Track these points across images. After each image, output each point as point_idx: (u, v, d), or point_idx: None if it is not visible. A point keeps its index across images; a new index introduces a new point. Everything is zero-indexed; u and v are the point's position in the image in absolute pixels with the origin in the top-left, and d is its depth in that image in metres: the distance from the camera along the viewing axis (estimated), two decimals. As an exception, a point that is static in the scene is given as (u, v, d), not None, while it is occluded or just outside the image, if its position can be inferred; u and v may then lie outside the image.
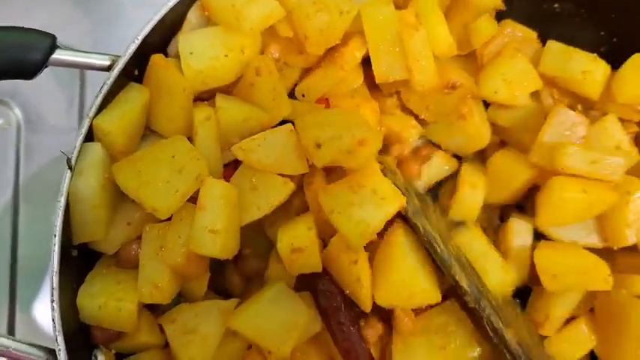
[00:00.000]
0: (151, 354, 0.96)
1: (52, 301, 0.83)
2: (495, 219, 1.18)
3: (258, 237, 1.02)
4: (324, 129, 0.91)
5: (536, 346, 0.99)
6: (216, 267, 1.00)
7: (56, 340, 0.82)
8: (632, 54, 1.12)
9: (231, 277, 1.01)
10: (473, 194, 1.11)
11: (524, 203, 1.15)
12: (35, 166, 1.30)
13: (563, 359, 1.04)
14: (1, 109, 1.31)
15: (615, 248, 1.08)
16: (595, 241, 1.10)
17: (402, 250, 0.96)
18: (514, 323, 0.96)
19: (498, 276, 1.02)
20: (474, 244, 1.05)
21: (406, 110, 1.15)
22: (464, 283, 0.94)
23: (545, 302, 1.08)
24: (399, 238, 0.97)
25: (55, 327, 0.83)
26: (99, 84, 0.92)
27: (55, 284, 0.83)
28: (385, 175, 0.97)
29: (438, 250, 0.95)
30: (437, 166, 1.15)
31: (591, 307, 1.08)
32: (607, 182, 1.04)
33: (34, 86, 1.26)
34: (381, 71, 1.02)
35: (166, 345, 0.98)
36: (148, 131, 0.97)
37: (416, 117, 1.14)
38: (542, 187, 1.06)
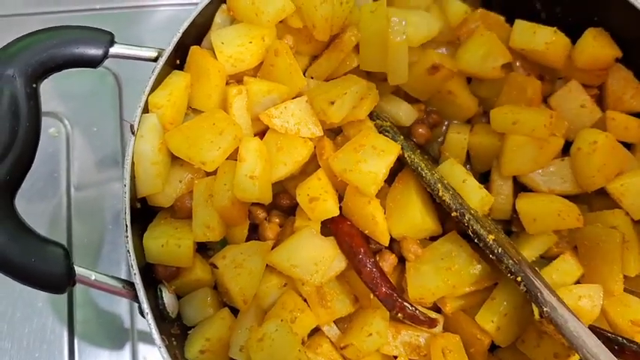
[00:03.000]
0: (204, 291, 1.13)
1: (126, 237, 1.00)
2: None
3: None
4: (332, 91, 1.11)
5: (514, 250, 1.14)
6: (252, 227, 1.18)
7: (132, 266, 0.98)
8: (586, 29, 1.31)
9: (265, 231, 1.18)
10: (459, 138, 1.30)
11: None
12: (84, 166, 1.48)
13: (556, 286, 1.14)
14: (52, 120, 1.51)
15: (589, 192, 1.24)
16: (569, 188, 1.25)
17: (411, 194, 1.15)
18: (494, 232, 1.11)
19: (477, 196, 1.15)
20: (454, 172, 1.19)
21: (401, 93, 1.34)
22: (446, 198, 1.11)
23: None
24: (408, 184, 1.16)
25: (130, 257, 0.99)
26: (134, 95, 1.10)
27: (128, 222, 1.00)
28: (380, 131, 1.16)
29: (423, 174, 1.13)
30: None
31: (574, 245, 1.22)
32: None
33: (78, 99, 1.48)
34: (365, 64, 1.23)
35: (215, 287, 1.15)
36: (190, 110, 1.15)
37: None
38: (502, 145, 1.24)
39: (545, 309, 1.01)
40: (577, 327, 0.99)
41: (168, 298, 1.07)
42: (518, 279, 1.04)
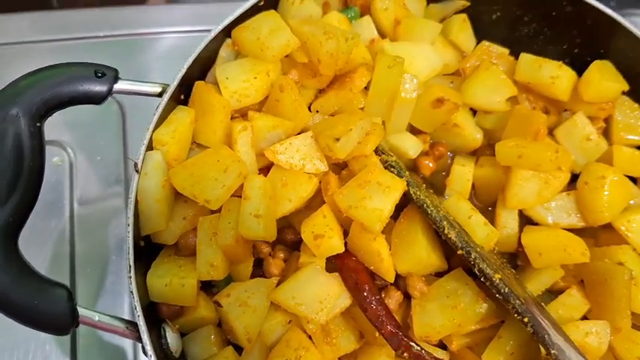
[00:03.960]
0: (208, 329, 1.12)
1: (129, 277, 1.00)
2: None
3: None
4: (338, 127, 1.10)
5: (520, 288, 1.13)
6: (257, 261, 1.18)
7: (135, 308, 0.98)
8: (592, 61, 1.31)
9: (269, 267, 1.17)
10: (463, 170, 1.29)
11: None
12: (87, 196, 1.48)
13: (562, 321, 1.15)
14: (56, 149, 1.51)
15: (595, 226, 1.23)
16: (575, 221, 1.24)
17: (416, 230, 1.14)
18: (500, 270, 1.10)
19: (483, 232, 1.15)
20: (460, 207, 1.19)
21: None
22: (452, 236, 1.09)
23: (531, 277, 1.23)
24: (413, 220, 1.15)
25: (133, 299, 0.99)
26: (138, 124, 1.11)
27: (131, 262, 1.00)
28: (385, 166, 1.16)
29: (429, 211, 1.11)
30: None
31: (580, 279, 1.22)
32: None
33: (82, 127, 1.47)
34: (370, 110, 1.23)
35: (219, 324, 1.14)
36: (194, 145, 1.15)
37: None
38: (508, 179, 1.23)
39: (552, 351, 1.00)
40: None
41: (171, 337, 1.06)
42: (525, 320, 1.03)
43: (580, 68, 1.30)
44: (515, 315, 1.05)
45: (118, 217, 1.47)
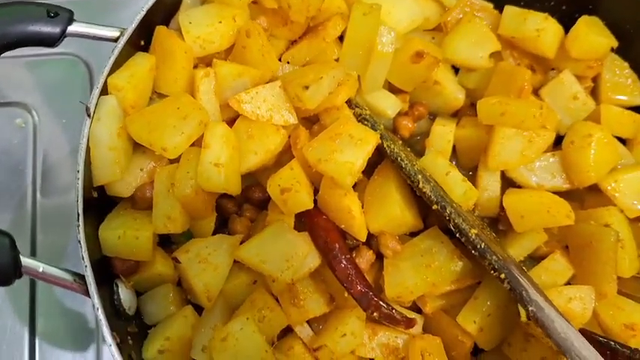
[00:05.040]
0: (166, 288, 1.07)
1: (77, 226, 0.94)
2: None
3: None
4: (308, 76, 1.05)
5: (499, 248, 1.07)
6: (223, 222, 1.12)
7: (82, 259, 0.92)
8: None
9: (234, 224, 1.11)
10: (444, 130, 1.23)
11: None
12: (51, 159, 1.42)
13: (546, 287, 1.10)
14: (19, 110, 1.44)
15: (580, 188, 1.19)
16: (560, 183, 1.20)
17: (390, 187, 1.08)
18: (478, 228, 1.05)
19: (461, 189, 1.11)
20: (437, 164, 1.14)
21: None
22: (427, 190, 1.04)
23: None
24: (387, 177, 1.10)
25: (81, 249, 0.93)
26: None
27: (80, 210, 0.95)
28: (358, 120, 1.10)
29: (403, 165, 1.06)
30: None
31: (565, 244, 1.17)
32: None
33: (48, 89, 1.41)
34: (345, 62, 1.17)
35: (179, 284, 1.08)
36: (155, 95, 1.09)
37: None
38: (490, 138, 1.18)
39: (530, 308, 0.95)
40: (565, 328, 0.93)
41: (125, 293, 1.01)
42: (502, 276, 0.98)
43: (568, 26, 1.26)
44: (492, 272, 0.99)
45: (82, 180, 1.41)
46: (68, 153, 1.43)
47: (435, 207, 1.04)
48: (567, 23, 1.26)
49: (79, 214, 0.94)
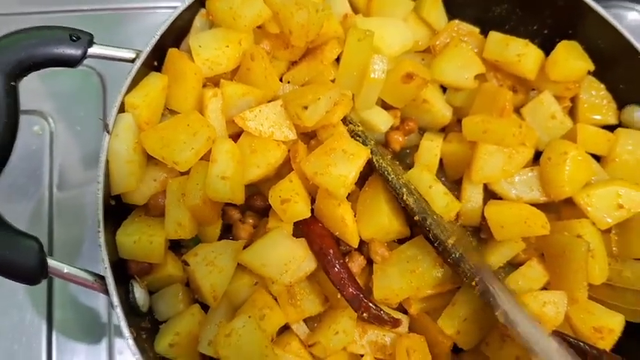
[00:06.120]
0: (175, 288, 1.16)
1: (99, 232, 1.03)
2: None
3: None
4: (307, 96, 1.14)
5: (477, 256, 1.17)
6: (227, 227, 1.21)
7: (103, 261, 1.01)
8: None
9: (238, 230, 1.20)
10: (431, 145, 1.33)
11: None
12: (66, 164, 1.51)
13: (522, 291, 1.19)
14: (36, 118, 1.53)
15: (556, 201, 1.26)
16: (537, 195, 1.27)
17: (379, 198, 1.17)
18: (456, 237, 1.14)
19: (443, 201, 1.19)
20: (422, 178, 1.22)
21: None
22: (410, 202, 1.14)
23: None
24: (377, 189, 1.19)
25: (102, 252, 1.02)
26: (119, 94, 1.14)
27: (101, 217, 1.04)
28: (352, 135, 1.20)
29: (390, 178, 1.16)
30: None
31: (541, 252, 1.25)
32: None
33: (63, 98, 1.50)
34: (340, 83, 1.26)
35: (187, 284, 1.18)
36: (167, 111, 1.18)
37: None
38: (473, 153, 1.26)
39: (497, 313, 1.04)
40: (530, 329, 1.02)
41: (139, 292, 1.09)
42: (473, 283, 1.07)
43: (549, 49, 1.34)
44: (465, 279, 1.08)
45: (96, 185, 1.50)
46: (82, 158, 1.53)
47: (416, 218, 1.13)
48: (548, 46, 1.34)
49: (99, 221, 1.03)
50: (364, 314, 1.11)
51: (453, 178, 1.36)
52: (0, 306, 1.38)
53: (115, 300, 1.01)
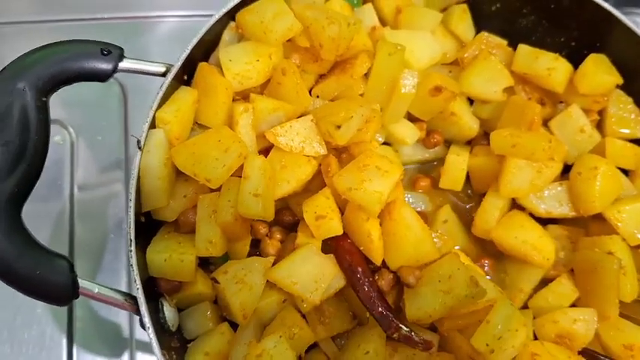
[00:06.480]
0: (204, 306, 1.14)
1: (130, 251, 1.02)
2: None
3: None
4: (339, 114, 1.13)
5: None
6: (254, 242, 1.20)
7: (135, 281, 1.00)
8: (589, 55, 1.34)
9: (266, 247, 1.19)
10: (457, 160, 1.32)
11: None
12: (87, 175, 1.50)
13: (552, 308, 1.18)
14: (57, 128, 1.52)
15: (586, 216, 1.26)
16: (567, 210, 1.27)
17: (407, 223, 1.15)
18: None
19: None
20: None
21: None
22: None
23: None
24: (403, 214, 1.16)
25: (133, 272, 1.01)
26: (139, 106, 1.13)
27: (132, 237, 1.02)
28: None
29: None
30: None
31: (570, 268, 1.25)
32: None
33: (84, 108, 1.49)
34: (369, 97, 1.25)
35: (215, 301, 1.16)
36: (196, 125, 1.17)
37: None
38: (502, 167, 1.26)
39: None
40: None
41: (169, 311, 1.08)
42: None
43: (576, 61, 1.33)
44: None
45: (117, 197, 1.49)
46: (103, 168, 1.51)
47: None
48: (575, 58, 1.33)
49: (131, 240, 1.02)
50: (394, 335, 1.09)
51: (479, 191, 1.36)
52: (19, 320, 1.36)
53: (147, 321, 0.99)
